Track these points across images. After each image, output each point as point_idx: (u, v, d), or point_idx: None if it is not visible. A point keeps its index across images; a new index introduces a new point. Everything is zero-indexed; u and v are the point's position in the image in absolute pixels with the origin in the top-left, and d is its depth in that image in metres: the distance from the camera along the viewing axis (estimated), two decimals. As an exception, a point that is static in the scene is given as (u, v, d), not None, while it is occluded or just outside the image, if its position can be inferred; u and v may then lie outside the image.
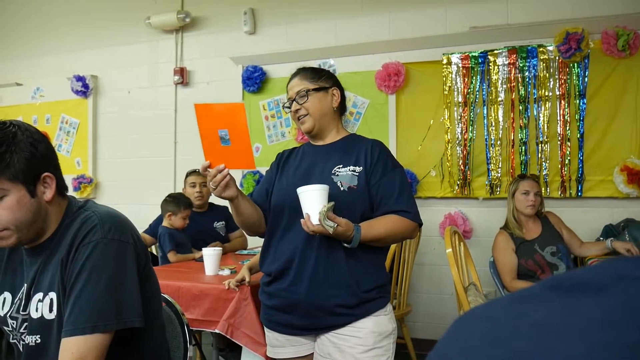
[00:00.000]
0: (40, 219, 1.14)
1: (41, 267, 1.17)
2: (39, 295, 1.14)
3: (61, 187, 1.20)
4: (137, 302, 1.13)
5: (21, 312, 1.18)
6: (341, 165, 1.63)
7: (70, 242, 1.12)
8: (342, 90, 1.75)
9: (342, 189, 1.58)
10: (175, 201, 3.03)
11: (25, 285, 1.18)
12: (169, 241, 2.93)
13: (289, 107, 1.72)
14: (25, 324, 1.17)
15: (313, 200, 1.47)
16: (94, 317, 1.06)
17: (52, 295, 1.13)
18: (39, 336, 1.14)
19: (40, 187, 1.14)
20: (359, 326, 1.56)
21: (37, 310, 1.14)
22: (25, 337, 1.17)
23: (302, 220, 1.49)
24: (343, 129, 1.77)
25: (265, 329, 1.74)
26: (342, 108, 1.77)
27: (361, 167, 1.62)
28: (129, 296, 1.12)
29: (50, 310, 1.13)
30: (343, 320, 1.56)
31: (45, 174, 1.14)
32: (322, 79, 1.72)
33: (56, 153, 1.21)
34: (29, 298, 1.16)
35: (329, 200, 1.50)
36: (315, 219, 1.45)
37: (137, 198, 4.09)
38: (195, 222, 3.14)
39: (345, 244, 1.53)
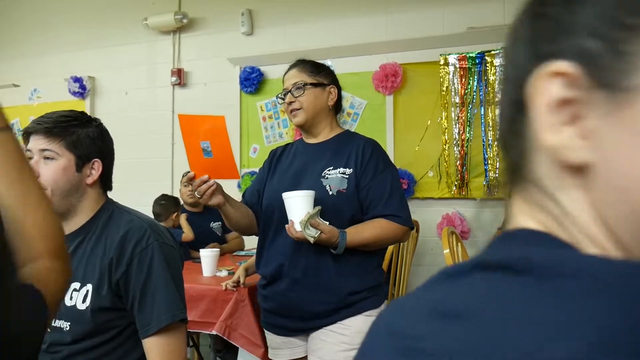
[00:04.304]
0: (76, 195, 1.23)
1: (74, 254, 1.22)
2: (76, 284, 1.19)
3: (105, 182, 1.30)
4: (184, 300, 1.25)
5: None
6: (331, 167, 1.59)
7: (119, 243, 1.18)
8: (339, 89, 1.72)
9: (330, 193, 1.55)
10: (162, 210, 3.05)
11: None
12: None
13: (283, 98, 1.68)
14: None
15: (297, 207, 1.46)
16: (171, 307, 1.17)
17: (89, 287, 1.18)
18: (69, 323, 1.18)
19: (87, 168, 1.24)
20: (348, 324, 1.54)
21: (71, 299, 1.19)
22: None
23: (287, 225, 1.49)
24: (337, 126, 1.73)
25: (265, 330, 1.74)
26: (338, 107, 1.73)
27: (351, 169, 1.57)
28: (182, 294, 1.24)
29: (84, 301, 1.17)
30: (332, 320, 1.55)
31: (97, 160, 1.25)
32: (321, 74, 1.68)
33: (114, 159, 1.32)
34: None
35: (316, 204, 1.48)
36: (298, 226, 1.45)
37: (134, 199, 4.07)
38: (192, 222, 3.14)
39: (333, 250, 1.51)
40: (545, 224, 0.36)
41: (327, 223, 1.50)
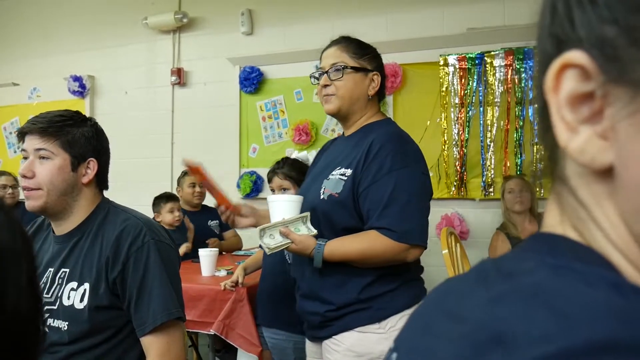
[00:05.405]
0: (72, 194, 1.23)
1: (71, 254, 1.22)
2: (73, 284, 1.20)
3: (101, 181, 1.30)
4: (182, 299, 1.25)
5: (44, 295, 1.23)
6: (340, 166, 1.38)
7: (115, 241, 1.18)
8: (383, 75, 1.47)
9: (322, 196, 1.37)
10: (155, 202, 3.04)
11: (51, 270, 1.24)
12: None
13: (317, 78, 1.45)
14: (46, 307, 1.21)
15: (275, 212, 1.37)
16: (168, 306, 1.17)
17: (86, 286, 1.18)
18: (67, 323, 1.18)
19: (82, 168, 1.24)
20: (339, 340, 1.35)
21: (69, 299, 1.19)
22: (47, 320, 1.21)
23: None
24: (375, 115, 1.47)
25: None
26: (380, 95, 1.49)
27: (352, 170, 1.34)
28: (179, 293, 1.24)
29: (81, 300, 1.18)
30: (328, 333, 1.39)
31: (92, 159, 1.25)
32: (366, 58, 1.43)
33: (109, 158, 1.33)
34: (53, 282, 1.22)
35: (307, 209, 1.37)
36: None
37: (133, 199, 4.06)
38: (190, 221, 3.14)
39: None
40: (578, 229, 0.32)
41: (315, 232, 1.36)
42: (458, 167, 3.37)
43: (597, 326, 0.24)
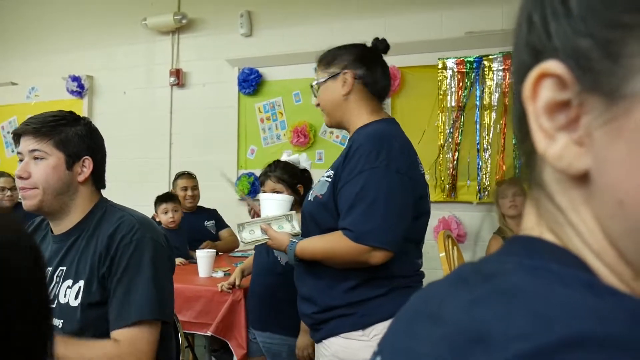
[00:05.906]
0: (69, 193, 1.23)
1: (68, 252, 1.23)
2: (69, 282, 1.21)
3: (97, 180, 1.30)
4: (171, 300, 1.24)
5: None
6: (330, 169, 1.40)
7: (108, 238, 1.19)
8: (367, 68, 1.39)
9: (309, 198, 1.40)
10: (155, 201, 3.03)
11: (50, 269, 1.24)
12: None
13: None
14: None
15: (264, 209, 1.47)
16: (143, 308, 1.15)
17: (81, 283, 1.19)
18: (62, 321, 1.19)
19: (78, 167, 1.25)
20: (327, 345, 1.34)
21: (65, 296, 1.20)
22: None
23: None
24: (376, 114, 1.43)
25: None
26: (379, 92, 1.44)
27: (333, 171, 1.36)
28: (167, 293, 1.23)
29: (76, 297, 1.19)
30: (320, 336, 1.38)
31: (87, 157, 1.26)
32: (336, 61, 1.41)
33: (105, 157, 1.34)
34: (51, 281, 1.23)
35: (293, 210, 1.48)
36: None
37: (131, 199, 4.06)
38: (187, 222, 3.14)
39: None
40: (555, 233, 0.33)
41: (297, 230, 1.42)
42: (455, 171, 3.38)
43: (573, 324, 0.25)
